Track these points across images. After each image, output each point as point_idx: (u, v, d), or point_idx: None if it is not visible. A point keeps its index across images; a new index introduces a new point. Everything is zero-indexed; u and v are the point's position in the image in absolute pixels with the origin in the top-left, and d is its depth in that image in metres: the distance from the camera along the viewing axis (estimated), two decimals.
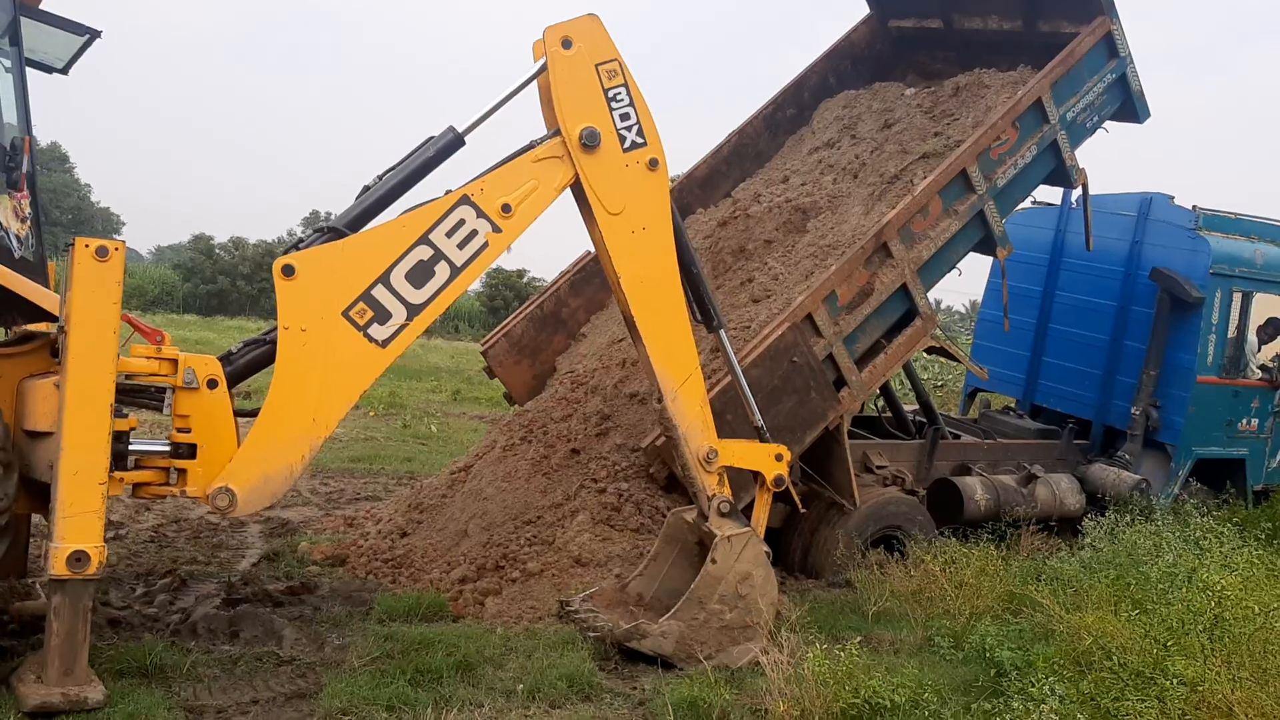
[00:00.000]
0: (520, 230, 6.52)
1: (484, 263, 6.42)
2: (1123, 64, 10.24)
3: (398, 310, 6.19)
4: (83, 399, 5.36)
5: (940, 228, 9.41)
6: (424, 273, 6.24)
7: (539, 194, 6.52)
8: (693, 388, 7.05)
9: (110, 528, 8.83)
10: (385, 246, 6.19)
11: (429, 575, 8.15)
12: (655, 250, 6.86)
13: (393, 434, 15.60)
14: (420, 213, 6.31)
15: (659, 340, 6.95)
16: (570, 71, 6.53)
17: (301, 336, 5.96)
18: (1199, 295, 11.24)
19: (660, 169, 6.83)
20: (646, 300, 6.90)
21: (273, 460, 5.93)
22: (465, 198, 6.34)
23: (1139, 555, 8.00)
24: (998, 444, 11.51)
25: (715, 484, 7.15)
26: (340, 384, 6.08)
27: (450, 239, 6.30)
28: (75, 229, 61.27)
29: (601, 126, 6.60)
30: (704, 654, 6.86)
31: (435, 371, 24.09)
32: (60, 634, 5.43)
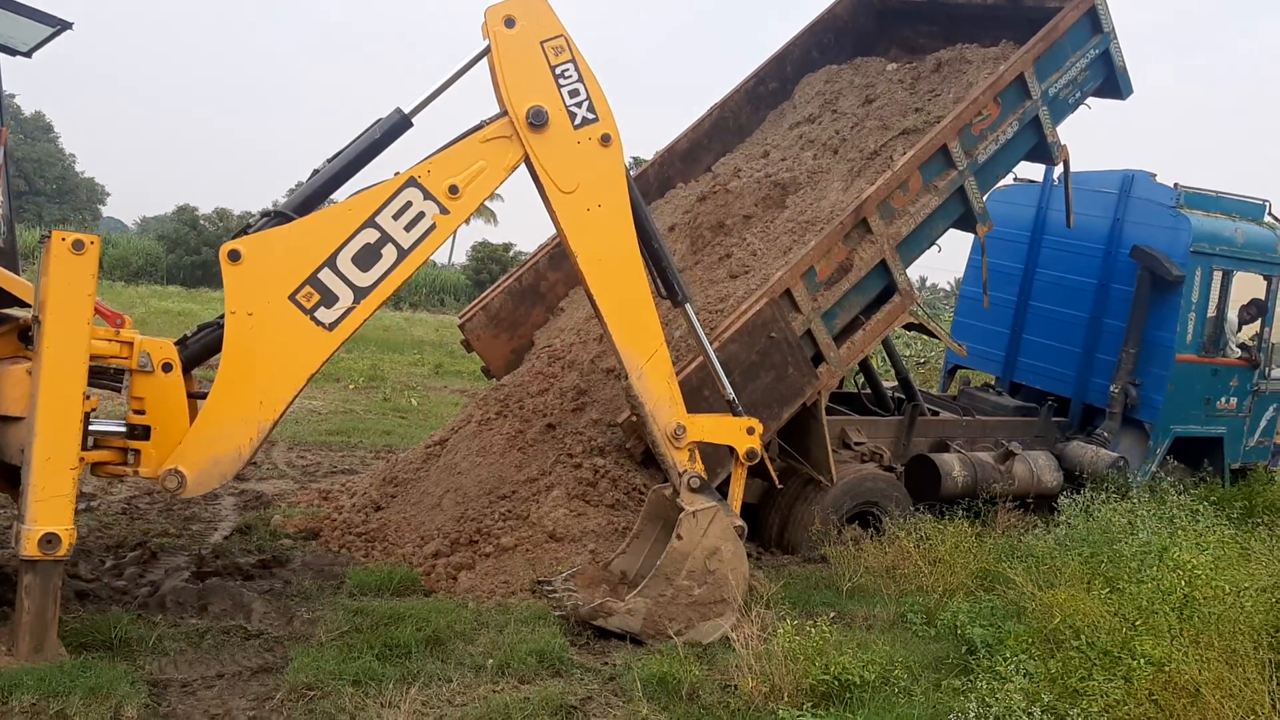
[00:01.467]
0: (468, 212, 6.48)
1: (432, 245, 6.38)
2: (1106, 39, 10.17)
3: (344, 293, 6.20)
4: (56, 388, 5.52)
5: (920, 204, 9.35)
6: (371, 255, 6.23)
7: (487, 175, 6.47)
8: (658, 364, 6.98)
9: (82, 499, 8.74)
10: (331, 230, 6.19)
11: (402, 549, 8.10)
12: (612, 227, 6.77)
13: (372, 407, 15.53)
14: (367, 195, 6.28)
15: (621, 317, 6.90)
16: (514, 50, 6.46)
17: (248, 321, 6.02)
18: (1179, 273, 11.22)
19: (614, 144, 6.69)
20: (606, 278, 6.84)
21: (221, 443, 6.03)
22: (412, 179, 6.32)
23: (1113, 533, 8.00)
24: (976, 421, 11.51)
25: (685, 460, 7.10)
26: (287, 367, 6.13)
27: (397, 221, 6.28)
28: (59, 199, 60.91)
29: (549, 104, 6.51)
30: (673, 630, 6.84)
31: (418, 345, 24.03)
32: (31, 611, 5.60)
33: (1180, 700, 4.89)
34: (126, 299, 23.53)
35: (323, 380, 17.57)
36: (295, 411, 14.29)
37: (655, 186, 11.33)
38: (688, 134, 11.55)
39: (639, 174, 11.65)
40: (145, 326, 8.02)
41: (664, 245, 7.26)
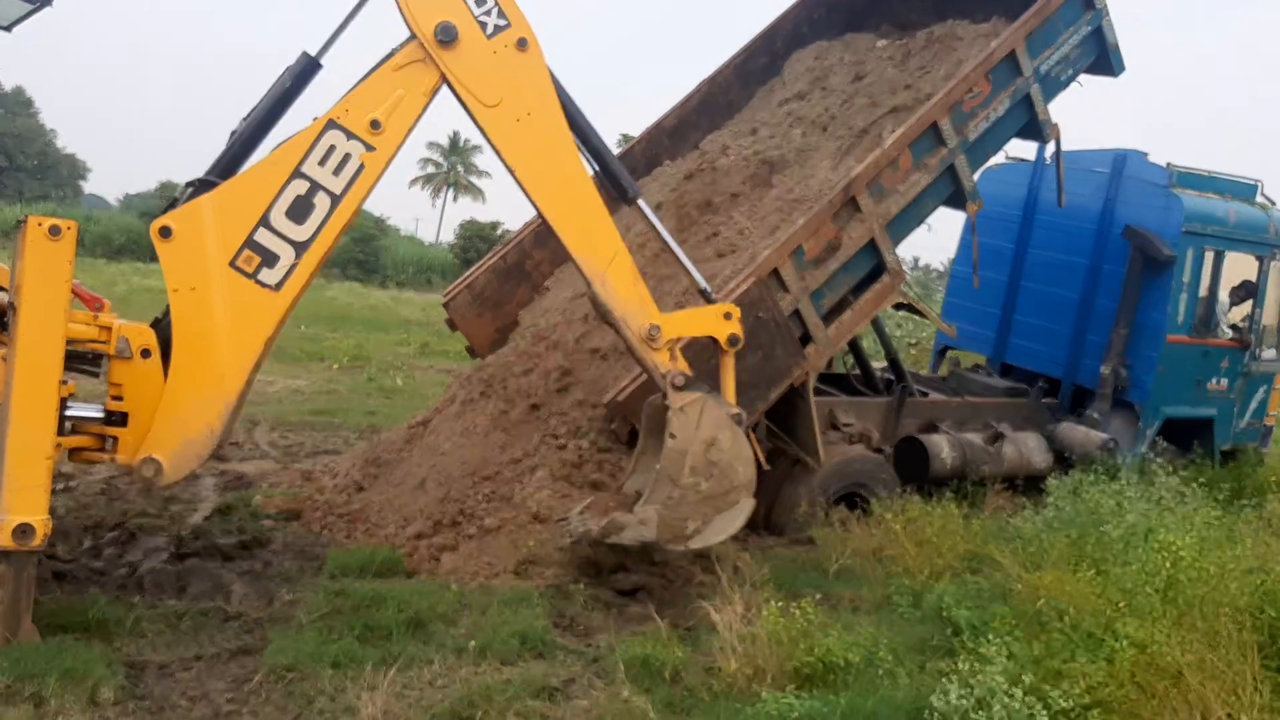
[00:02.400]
0: (395, 144, 6.27)
1: (364, 185, 6.20)
2: (1099, 16, 10.07)
3: (285, 250, 6.06)
4: (31, 376, 5.44)
5: (910, 182, 9.25)
6: (304, 207, 6.08)
7: (407, 103, 6.24)
8: (619, 267, 6.77)
9: (60, 479, 8.68)
10: (259, 188, 6.04)
11: (384, 531, 8.03)
12: (546, 134, 6.52)
13: (357, 387, 15.44)
14: (288, 146, 6.11)
15: (572, 226, 6.70)
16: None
17: (193, 296, 5.90)
18: (1171, 254, 11.16)
19: (531, 47, 6.44)
20: (549, 188, 6.63)
21: (190, 423, 5.94)
22: (331, 122, 6.13)
23: (1101, 515, 7.95)
24: (966, 402, 11.47)
25: (666, 360, 6.90)
26: (242, 336, 6.02)
27: (324, 167, 6.11)
28: (40, 175, 60.44)
29: (456, 18, 6.25)
30: (691, 530, 6.71)
31: (405, 324, 23.94)
32: (4, 600, 5.54)
33: (1162, 681, 4.86)
34: (108, 276, 23.37)
35: (306, 359, 17.49)
36: (278, 391, 14.23)
37: (642, 164, 11.22)
38: (676, 110, 11.43)
39: (625, 151, 11.52)
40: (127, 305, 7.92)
41: (604, 142, 7.02)
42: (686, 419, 6.81)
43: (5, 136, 56.60)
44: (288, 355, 17.46)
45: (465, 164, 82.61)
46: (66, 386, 5.74)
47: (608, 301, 6.80)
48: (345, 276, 39.72)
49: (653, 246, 9.89)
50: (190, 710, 5.29)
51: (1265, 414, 12.56)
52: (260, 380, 14.43)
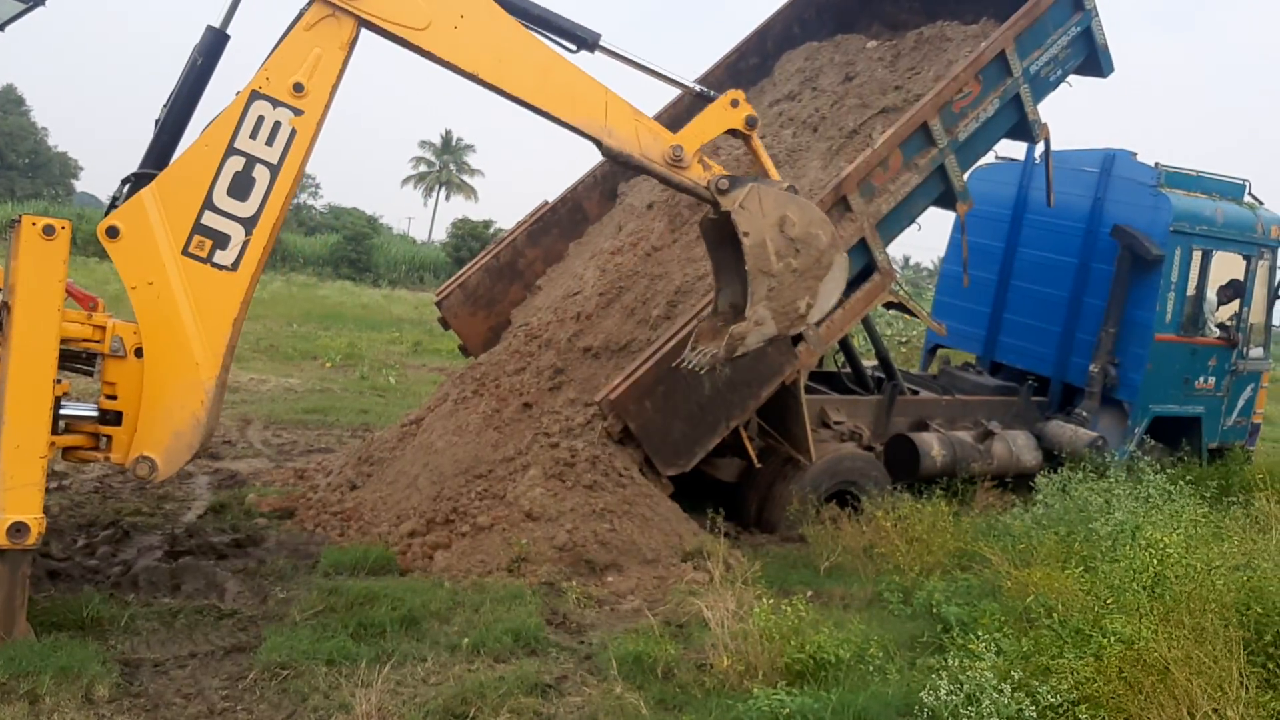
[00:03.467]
0: (322, 104, 6.19)
1: (299, 150, 6.15)
2: (1088, 17, 10.12)
3: (234, 229, 6.06)
4: (25, 375, 5.46)
5: (900, 181, 9.31)
6: (245, 183, 6.06)
7: (326, 61, 6.15)
8: (617, 112, 6.71)
9: (54, 478, 8.70)
10: (197, 172, 6.01)
11: (378, 529, 8.05)
12: (487, 29, 6.40)
13: (350, 385, 15.46)
14: (217, 125, 6.06)
15: (555, 100, 6.60)
16: None
17: (151, 290, 5.92)
18: (1159, 253, 11.22)
19: None
20: (515, 76, 6.49)
21: (176, 415, 5.96)
22: (254, 93, 6.08)
23: (1090, 512, 8.01)
24: (956, 400, 11.52)
25: (701, 173, 6.85)
26: (209, 320, 6.03)
27: (256, 140, 6.07)
28: (31, 174, 60.20)
29: None
30: (804, 308, 6.90)
31: (397, 322, 23.94)
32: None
33: (1149, 678, 4.90)
34: (101, 275, 23.27)
35: (299, 358, 17.50)
36: (271, 389, 14.24)
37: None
38: (668, 109, 11.43)
39: None
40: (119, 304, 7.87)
41: (541, 5, 6.86)
42: (749, 213, 6.81)
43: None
44: (280, 354, 17.48)
45: (458, 163, 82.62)
46: (60, 385, 5.76)
47: (622, 149, 6.73)
48: (338, 275, 39.67)
49: (645, 246, 9.94)
50: (185, 708, 5.31)
51: (1252, 412, 12.63)
52: (253, 379, 14.47)
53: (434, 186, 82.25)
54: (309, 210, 67.63)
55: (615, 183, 11.22)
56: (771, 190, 6.90)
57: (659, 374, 8.10)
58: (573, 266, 10.56)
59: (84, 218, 38.65)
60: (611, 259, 10.05)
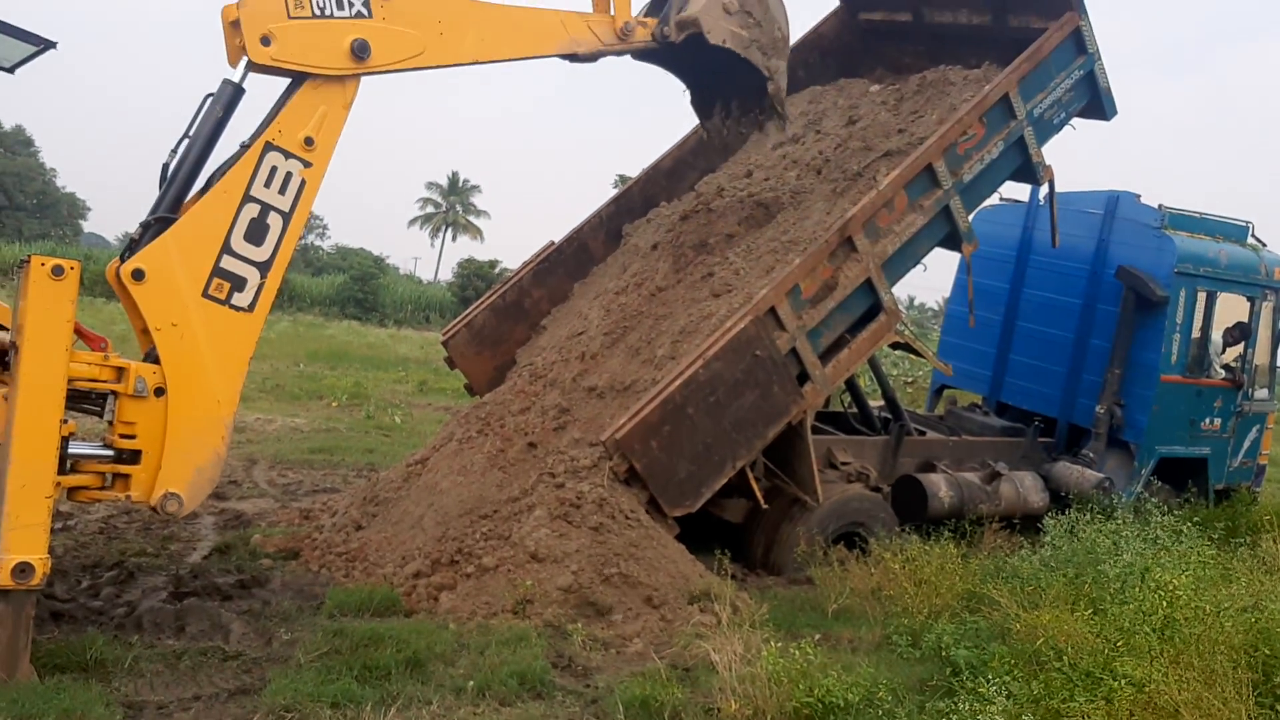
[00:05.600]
0: (327, 157, 6.62)
1: (308, 200, 6.54)
2: (1090, 60, 10.21)
3: (250, 273, 6.35)
4: (33, 415, 5.49)
5: (905, 222, 9.35)
6: (259, 229, 6.38)
7: (331, 118, 6.60)
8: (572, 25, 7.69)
9: (59, 518, 8.68)
10: (215, 218, 6.29)
11: (383, 569, 8.02)
12: (461, 20, 7.09)
13: (355, 425, 15.45)
14: (234, 174, 6.34)
15: (527, 42, 7.51)
16: (286, 43, 6.42)
17: (175, 332, 6.12)
18: (1164, 294, 11.25)
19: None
20: (497, 45, 7.28)
21: (198, 452, 6.14)
22: (268, 144, 6.42)
23: (1098, 554, 7.97)
24: (963, 441, 11.50)
25: (644, 32, 8.12)
26: (228, 360, 6.29)
27: (270, 188, 6.41)
28: (39, 214, 60.54)
29: (352, 34, 6.58)
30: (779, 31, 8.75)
31: (403, 362, 23.96)
32: (2, 641, 5.55)
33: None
34: (107, 315, 23.36)
35: (305, 398, 17.50)
36: (277, 429, 14.23)
37: (640, 204, 11.33)
38: (673, 152, 11.57)
39: (623, 192, 11.64)
40: (126, 344, 7.95)
41: None
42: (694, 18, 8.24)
43: (5, 175, 56.77)
44: (287, 393, 17.49)
45: (464, 204, 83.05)
46: (67, 425, 5.77)
47: (588, 50, 7.81)
48: (344, 315, 39.78)
49: (649, 286, 9.98)
50: None
51: (1258, 453, 12.59)
52: (259, 418, 14.47)
53: (440, 227, 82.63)
54: (316, 251, 67.90)
55: (620, 223, 11.29)
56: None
57: (664, 413, 8.10)
58: (578, 306, 10.59)
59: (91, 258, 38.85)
60: (616, 299, 10.08)
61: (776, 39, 8.89)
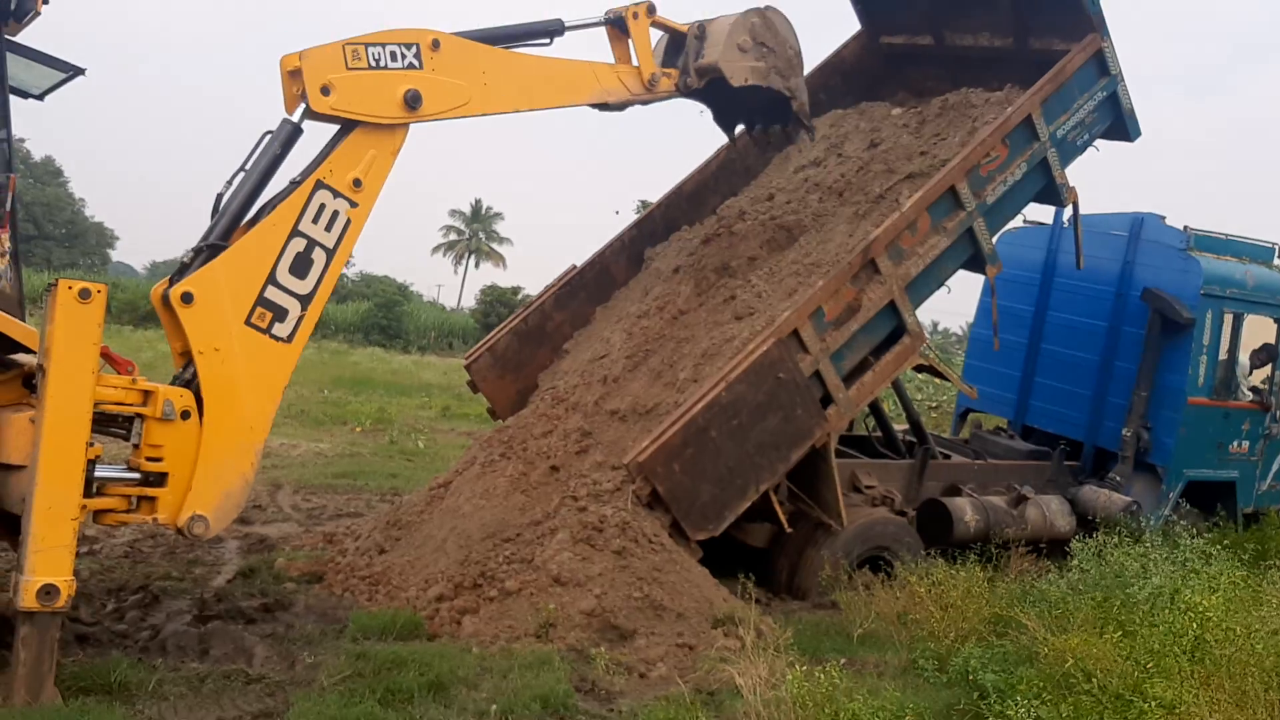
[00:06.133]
0: (373, 200, 6.82)
1: (351, 239, 6.71)
2: (1113, 82, 10.19)
3: (292, 304, 6.50)
4: (59, 437, 5.52)
5: (928, 244, 9.33)
6: (304, 263, 6.55)
7: (379, 163, 6.84)
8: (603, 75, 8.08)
9: (84, 542, 8.72)
10: (264, 249, 6.45)
11: (406, 593, 8.01)
12: (503, 71, 7.44)
13: (379, 450, 15.49)
14: (284, 208, 6.52)
15: (562, 91, 7.88)
16: (345, 93, 6.68)
17: (218, 356, 6.23)
18: (1190, 316, 11.16)
19: (439, 36, 7.10)
20: (536, 94, 7.67)
21: (227, 476, 6.21)
22: (319, 183, 6.62)
23: (1126, 577, 7.87)
24: (988, 465, 11.41)
25: (668, 83, 8.48)
26: (263, 388, 6.40)
27: (317, 225, 6.60)
28: (68, 244, 61.19)
29: (405, 85, 6.87)
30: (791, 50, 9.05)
31: (426, 388, 24.02)
32: (27, 663, 5.57)
33: None
34: (134, 343, 23.58)
35: (330, 423, 17.57)
36: (301, 454, 14.29)
37: (662, 228, 11.36)
38: (694, 175, 11.59)
39: (645, 216, 11.67)
40: (152, 370, 8.04)
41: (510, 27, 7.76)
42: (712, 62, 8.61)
43: (35, 205, 57.43)
44: (311, 419, 17.56)
45: (487, 231, 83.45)
46: (93, 449, 5.80)
47: (618, 100, 8.16)
48: (368, 342, 39.95)
49: (671, 310, 9.99)
50: None
51: None
52: (283, 444, 14.53)
53: (464, 254, 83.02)
54: (341, 278, 68.11)
55: (642, 247, 11.31)
56: (697, 44, 8.60)
57: (687, 436, 8.08)
58: (600, 330, 10.60)
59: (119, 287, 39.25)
60: (638, 323, 10.09)
61: (790, 58, 9.08)
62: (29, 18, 6.39)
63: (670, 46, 8.86)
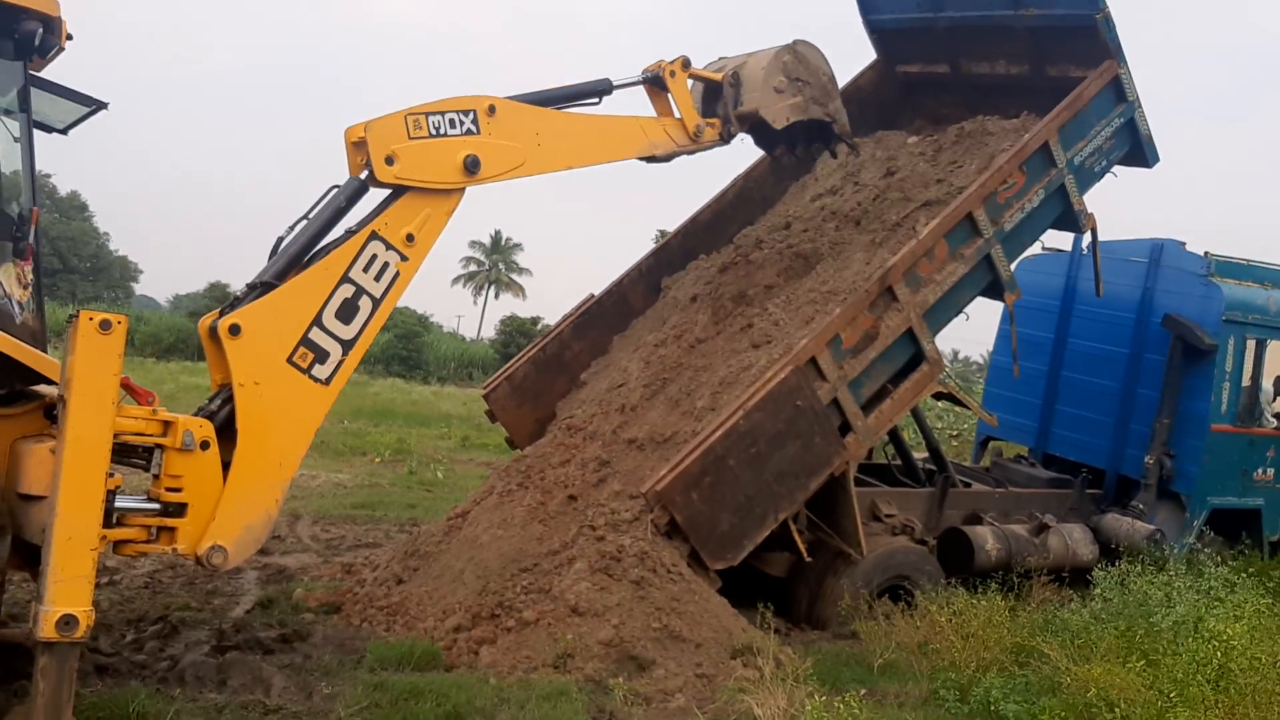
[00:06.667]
0: (423, 255, 7.00)
1: (398, 291, 6.87)
2: (1131, 108, 10.18)
3: (334, 348, 6.61)
4: (79, 467, 5.49)
5: (946, 271, 9.32)
6: (350, 309, 6.69)
7: (433, 222, 7.05)
8: (650, 129, 8.40)
9: (105, 573, 8.76)
10: (313, 291, 6.60)
11: (424, 623, 8.00)
12: (555, 131, 7.73)
13: (398, 480, 15.51)
14: (337, 255, 6.69)
15: (613, 146, 8.19)
16: (408, 162, 6.92)
17: (257, 389, 6.30)
18: (1212, 342, 11.08)
19: (494, 101, 7.36)
20: (587, 151, 8.04)
21: (251, 510, 6.22)
22: (374, 234, 6.79)
23: (1150, 606, 7.80)
24: (1009, 493, 11.33)
25: (712, 133, 8.72)
26: (296, 426, 6.47)
27: (367, 274, 6.77)
28: (93, 277, 61.79)
29: (464, 151, 7.10)
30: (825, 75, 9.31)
31: (446, 418, 24.06)
32: (46, 694, 5.51)
33: None
34: (157, 375, 23.77)
35: (349, 454, 17.61)
36: (320, 485, 14.32)
37: (679, 256, 11.38)
38: (711, 205, 11.61)
39: (663, 245, 11.70)
40: (174, 401, 8.09)
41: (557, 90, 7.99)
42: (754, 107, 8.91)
43: (60, 239, 58.08)
44: (330, 450, 17.60)
45: (506, 262, 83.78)
46: (114, 479, 5.82)
47: (665, 152, 8.49)
48: (388, 373, 40.12)
49: (689, 338, 9.99)
50: None
51: None
52: (303, 475, 14.54)
53: (483, 285, 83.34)
54: None
55: (659, 276, 11.33)
56: (733, 91, 8.89)
57: (705, 465, 8.06)
58: (617, 359, 10.60)
59: (142, 319, 39.55)
60: (656, 351, 10.10)
61: (825, 85, 9.35)
62: (53, 53, 6.47)
63: (707, 93, 9.02)
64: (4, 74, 6.21)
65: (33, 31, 6.02)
